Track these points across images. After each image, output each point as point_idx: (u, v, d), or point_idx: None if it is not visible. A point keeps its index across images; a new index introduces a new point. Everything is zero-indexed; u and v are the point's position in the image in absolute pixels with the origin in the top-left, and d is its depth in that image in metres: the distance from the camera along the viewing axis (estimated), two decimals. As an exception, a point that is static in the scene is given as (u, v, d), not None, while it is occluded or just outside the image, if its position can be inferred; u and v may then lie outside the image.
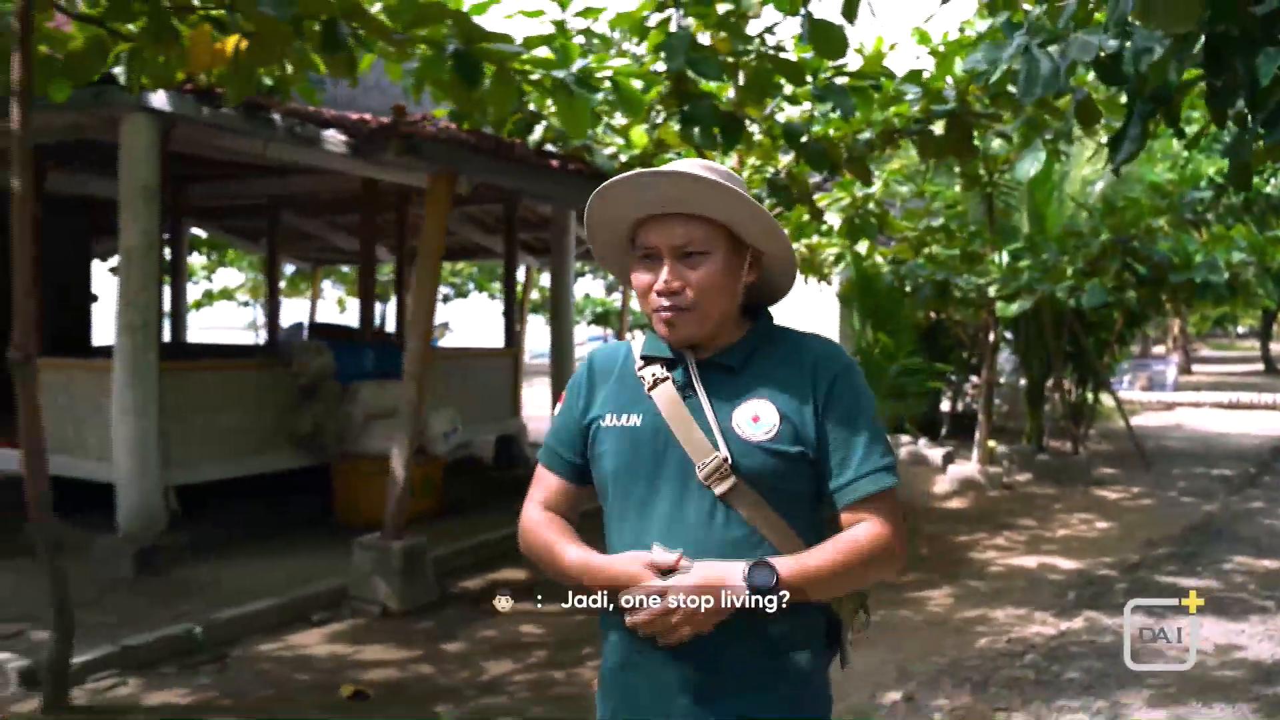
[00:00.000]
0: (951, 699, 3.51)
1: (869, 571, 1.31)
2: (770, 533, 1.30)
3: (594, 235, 1.42)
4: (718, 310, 1.34)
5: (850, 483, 1.31)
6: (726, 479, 1.29)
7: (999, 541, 6.09)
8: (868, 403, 1.36)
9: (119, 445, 5.21)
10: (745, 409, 1.32)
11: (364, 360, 6.50)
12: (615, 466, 1.37)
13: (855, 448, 1.31)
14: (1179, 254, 7.11)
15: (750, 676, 1.30)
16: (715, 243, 1.33)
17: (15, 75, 3.32)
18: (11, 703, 3.55)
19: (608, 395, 1.42)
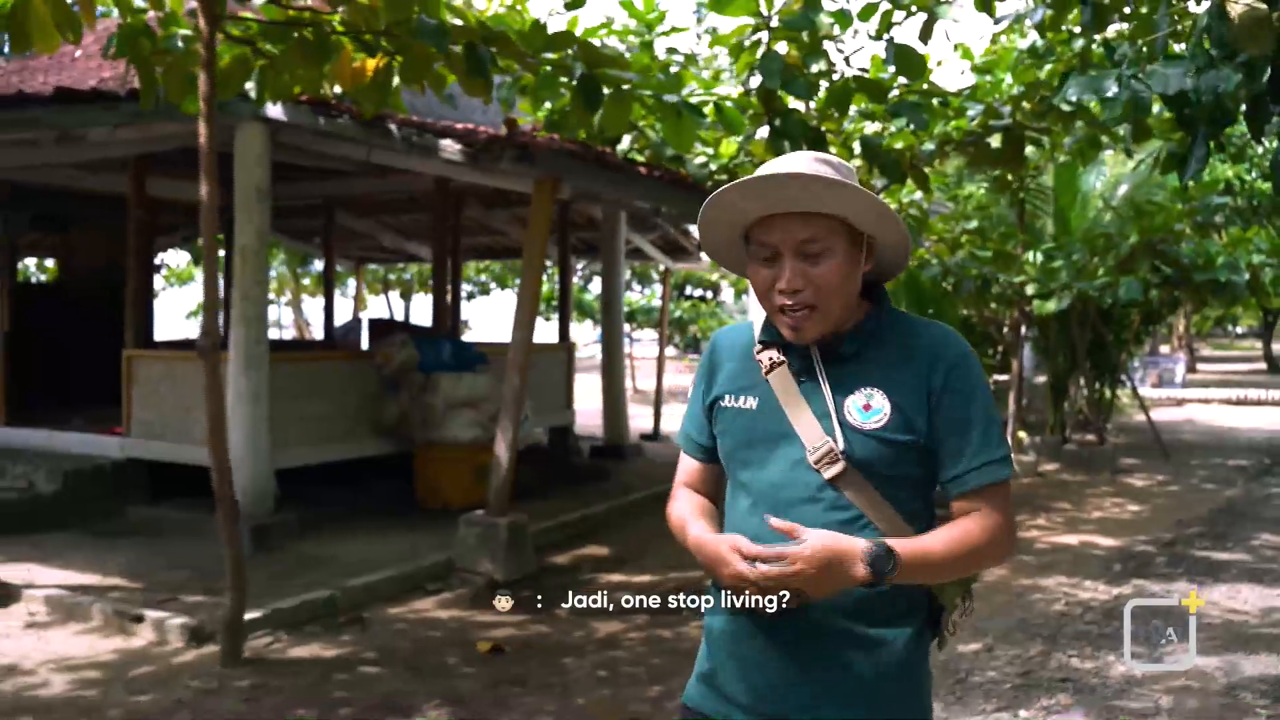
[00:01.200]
0: (1025, 649, 3.95)
1: (980, 561, 1.34)
2: (876, 518, 1.31)
3: (706, 235, 1.43)
4: (840, 305, 1.35)
5: (964, 473, 1.32)
6: (836, 464, 1.31)
7: (1040, 522, 6.54)
8: (983, 392, 1.36)
9: (234, 430, 5.59)
10: (858, 396, 1.33)
11: (442, 353, 6.91)
12: (731, 447, 1.41)
13: (970, 438, 1.32)
14: (1201, 255, 7.55)
15: (850, 655, 1.32)
16: (834, 238, 1.33)
17: (203, 91, 3.73)
18: (182, 655, 3.97)
19: (728, 376, 1.45)
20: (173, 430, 6.42)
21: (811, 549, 1.23)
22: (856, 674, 1.31)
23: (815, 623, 1.30)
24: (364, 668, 3.86)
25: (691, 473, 1.51)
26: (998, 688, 3.55)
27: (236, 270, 5.62)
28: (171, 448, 6.40)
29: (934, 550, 1.28)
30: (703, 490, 1.50)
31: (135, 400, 6.63)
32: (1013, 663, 3.80)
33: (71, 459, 6.59)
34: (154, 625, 4.20)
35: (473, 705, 3.46)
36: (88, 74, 6.90)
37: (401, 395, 6.72)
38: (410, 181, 7.74)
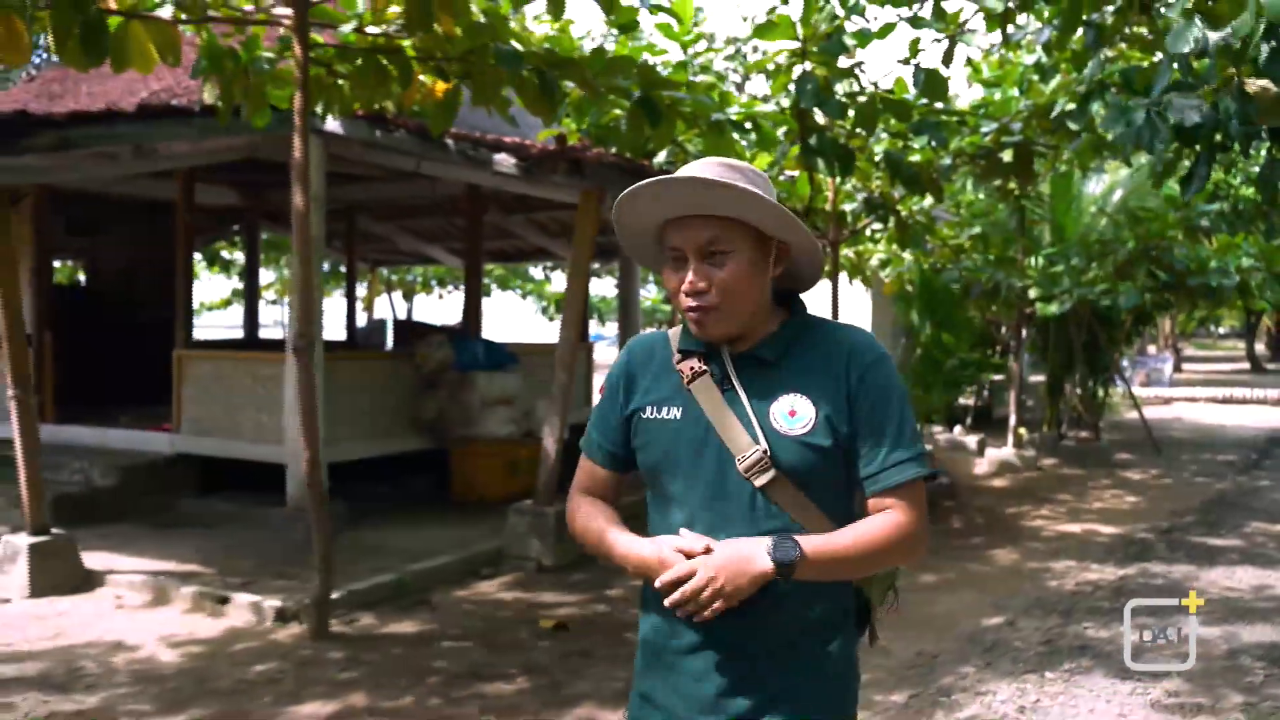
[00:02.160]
0: (1044, 622, 4.34)
1: (889, 557, 1.35)
2: (808, 523, 1.33)
3: (623, 236, 1.45)
4: (745, 307, 1.36)
5: (878, 472, 1.34)
6: (766, 472, 1.32)
7: (1044, 512, 6.95)
8: (899, 393, 1.38)
9: (291, 426, 5.92)
10: (782, 402, 1.35)
11: (477, 353, 7.24)
12: (656, 459, 1.41)
13: (884, 438, 1.34)
14: (1194, 260, 8.00)
15: (781, 656, 1.34)
16: (738, 240, 1.34)
17: (298, 109, 4.06)
18: (273, 633, 4.30)
19: (648, 387, 1.44)
20: (222, 427, 6.72)
21: (715, 557, 1.28)
22: (795, 682, 1.33)
23: (751, 633, 1.33)
24: (443, 642, 4.20)
25: (597, 480, 1.50)
26: (1023, 654, 3.93)
27: (294, 274, 5.92)
28: (222, 443, 6.70)
29: (839, 544, 1.30)
30: (607, 498, 1.50)
31: (185, 398, 6.92)
32: (1034, 634, 4.19)
33: (124, 455, 6.88)
34: (240, 606, 4.53)
35: (550, 674, 3.81)
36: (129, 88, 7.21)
37: (439, 393, 7.05)
38: (430, 187, 8.05)
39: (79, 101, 7.86)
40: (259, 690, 3.62)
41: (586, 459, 1.52)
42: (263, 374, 6.60)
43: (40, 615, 4.53)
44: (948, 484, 7.20)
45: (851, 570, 1.34)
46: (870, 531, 1.32)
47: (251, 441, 6.55)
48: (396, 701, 3.52)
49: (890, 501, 1.34)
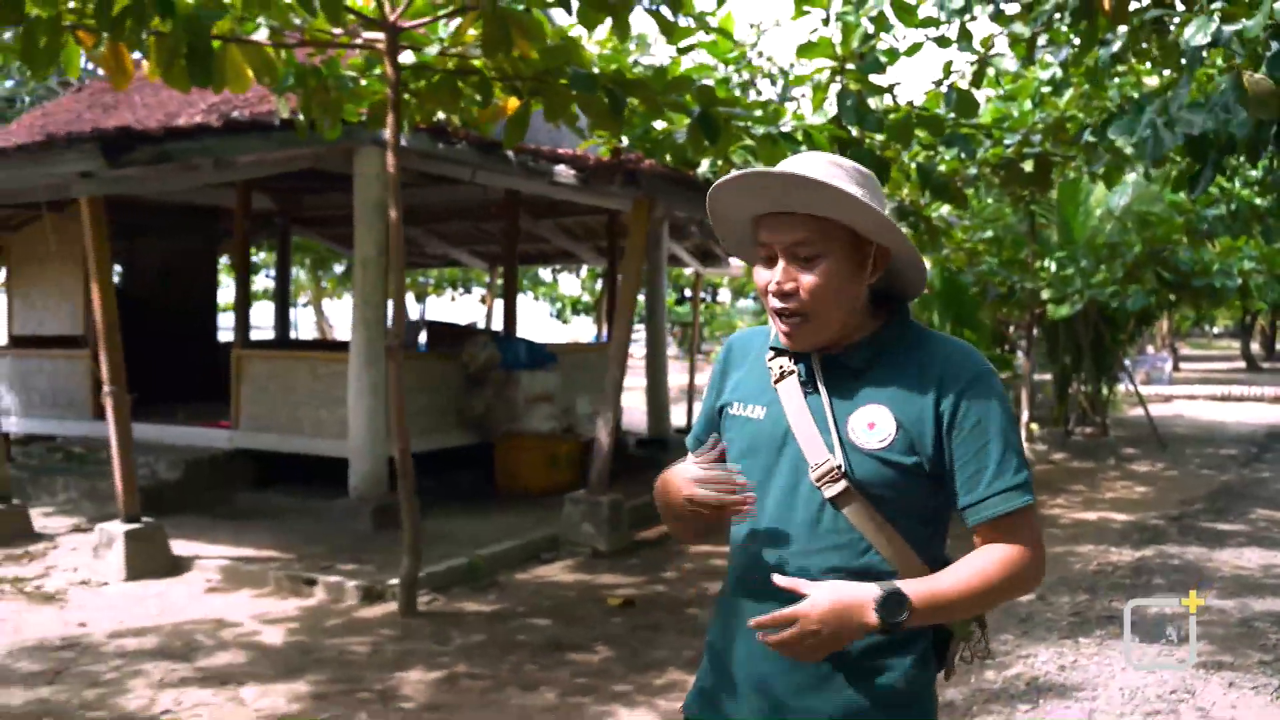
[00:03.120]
0: (1072, 597, 4.72)
1: (1001, 595, 1.28)
2: (878, 540, 1.27)
3: (719, 230, 1.41)
4: (836, 314, 1.30)
5: (979, 501, 1.26)
6: (837, 483, 1.27)
7: (1060, 502, 7.33)
8: (1001, 415, 1.29)
9: (354, 421, 6.26)
10: (862, 414, 1.29)
11: (520, 353, 7.60)
12: (735, 456, 1.37)
13: (985, 464, 1.26)
14: (1198, 263, 8.40)
15: (850, 681, 1.28)
16: (831, 243, 1.28)
17: (390, 126, 4.41)
18: (360, 611, 4.64)
19: (739, 382, 1.42)
20: (281, 423, 7.06)
21: (819, 607, 1.20)
22: (856, 701, 1.28)
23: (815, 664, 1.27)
24: (520, 619, 4.55)
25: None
26: (1056, 624, 4.31)
27: (357, 279, 6.28)
28: (281, 439, 7.04)
29: (947, 590, 1.23)
30: None
31: (243, 396, 7.26)
32: (1065, 607, 4.56)
33: (186, 450, 7.22)
34: (327, 588, 4.88)
35: (627, 644, 4.17)
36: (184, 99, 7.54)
37: (486, 391, 7.40)
38: (460, 191, 8.39)
39: (134, 112, 8.20)
40: (363, 660, 3.97)
41: (690, 451, 1.46)
42: (322, 372, 6.94)
43: (140, 596, 4.88)
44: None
45: (960, 613, 1.28)
46: (978, 572, 1.24)
47: (311, 437, 6.89)
48: (493, 669, 3.87)
49: (996, 535, 1.26)
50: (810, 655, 1.22)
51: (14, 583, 5.12)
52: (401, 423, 4.46)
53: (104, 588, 5.04)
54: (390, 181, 4.42)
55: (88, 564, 5.36)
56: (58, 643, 4.17)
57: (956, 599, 1.24)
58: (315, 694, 3.59)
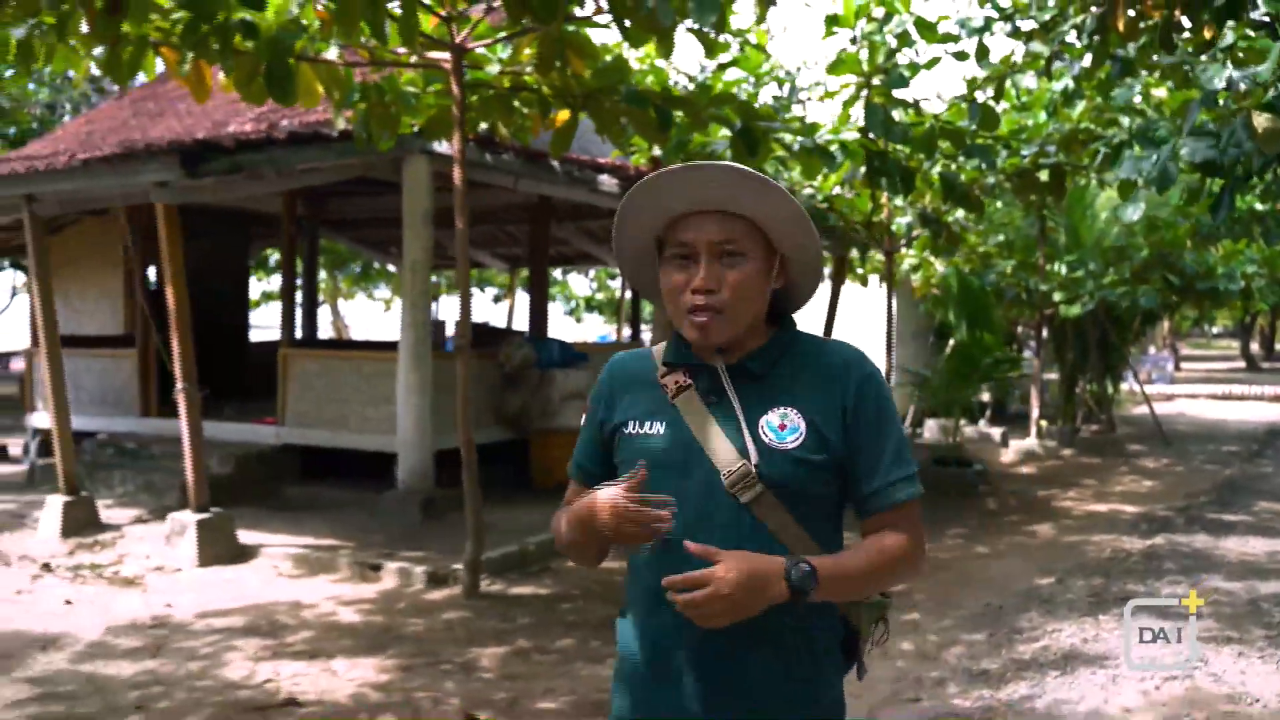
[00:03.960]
0: (1089, 581, 5.04)
1: (895, 576, 1.35)
2: (790, 542, 1.29)
3: (624, 230, 1.39)
4: (749, 314, 1.32)
5: (878, 490, 1.32)
6: (753, 487, 1.28)
7: (1071, 494, 7.66)
8: (893, 411, 1.36)
9: (403, 418, 6.57)
10: (772, 416, 1.31)
11: (553, 352, 7.93)
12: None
13: (883, 456, 1.32)
14: (1203, 266, 8.73)
15: (766, 681, 1.31)
16: (752, 244, 1.31)
17: (456, 141, 4.73)
18: (426, 593, 4.96)
19: (629, 403, 1.40)
20: (327, 420, 7.38)
21: (731, 572, 1.21)
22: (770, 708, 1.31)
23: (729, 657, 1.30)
24: (576, 600, 4.87)
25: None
26: (1076, 604, 4.63)
27: (405, 282, 6.60)
28: (327, 435, 7.35)
29: (851, 566, 1.28)
30: None
31: (290, 394, 7.57)
32: (1082, 589, 4.89)
33: (236, 445, 7.52)
34: (391, 572, 5.20)
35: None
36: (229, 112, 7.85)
37: (522, 389, 7.72)
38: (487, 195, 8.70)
39: (181, 120, 8.51)
40: (438, 636, 4.29)
41: (572, 481, 1.49)
42: (368, 371, 7.26)
43: (215, 581, 5.20)
44: (983, 470, 7.91)
45: (859, 590, 1.33)
46: (878, 552, 1.31)
47: (357, 432, 7.20)
48: (559, 643, 4.19)
49: (891, 520, 1.32)
50: (716, 620, 1.22)
51: (92, 568, 5.44)
52: (466, 417, 4.78)
53: (178, 573, 5.36)
54: (457, 193, 4.74)
55: (160, 551, 5.68)
56: (149, 622, 4.49)
57: (858, 575, 1.30)
58: (401, 666, 3.91)
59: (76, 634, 4.29)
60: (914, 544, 1.33)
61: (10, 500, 7.15)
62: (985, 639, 4.18)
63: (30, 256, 5.98)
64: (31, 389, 8.99)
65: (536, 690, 3.66)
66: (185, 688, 3.67)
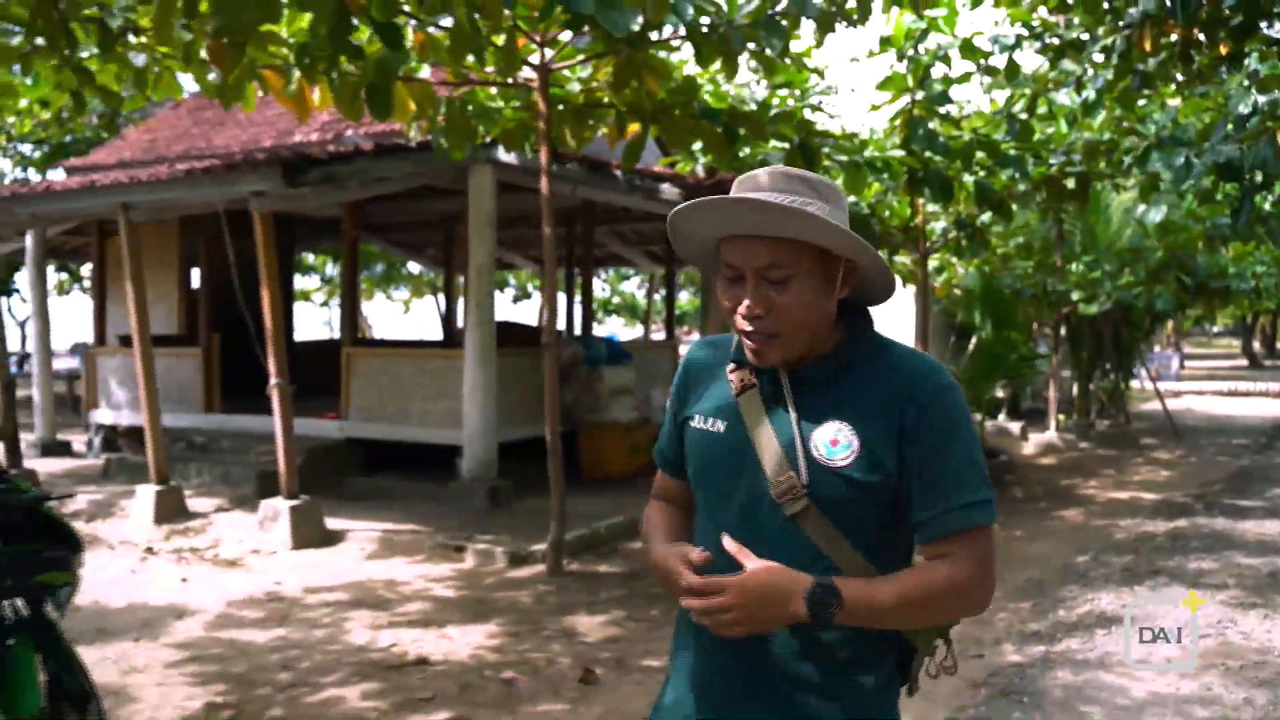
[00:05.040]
0: (1120, 557, 5.47)
1: (941, 612, 1.26)
2: (839, 558, 1.25)
3: (681, 246, 1.38)
4: (804, 333, 1.28)
5: (933, 518, 1.24)
6: (799, 500, 1.25)
7: (1093, 483, 8.10)
8: (963, 431, 1.26)
9: (469, 412, 6.99)
10: (825, 430, 1.26)
11: (602, 350, 8.35)
12: (695, 470, 1.37)
13: (943, 480, 1.24)
14: (1214, 266, 9.18)
15: (807, 694, 1.27)
16: (801, 262, 1.24)
17: (544, 153, 5.15)
18: (510, 572, 5.38)
19: (701, 395, 1.39)
20: (389, 414, 7.79)
21: (745, 580, 1.20)
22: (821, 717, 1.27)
23: (780, 663, 1.27)
24: (652, 577, 5.28)
25: (666, 487, 1.48)
26: (1110, 577, 5.06)
27: (471, 284, 7.03)
28: (390, 428, 7.76)
29: (883, 595, 1.21)
30: (677, 503, 1.46)
31: (352, 389, 7.98)
32: (1115, 565, 5.32)
33: (301, 439, 7.88)
34: (474, 553, 5.61)
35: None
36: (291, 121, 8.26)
37: (573, 385, 8.14)
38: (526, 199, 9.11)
39: (244, 129, 8.94)
40: (534, 608, 4.71)
41: (659, 467, 1.51)
42: (430, 368, 7.68)
43: (311, 562, 5.61)
44: (1008, 461, 8.34)
45: (895, 621, 1.25)
46: (918, 584, 1.23)
47: (419, 426, 7.62)
48: (645, 614, 4.61)
49: (948, 548, 1.24)
50: (731, 629, 1.21)
51: (192, 551, 5.86)
52: (553, 410, 5.20)
53: (274, 555, 5.77)
54: (544, 202, 5.15)
55: (253, 535, 6.09)
56: (264, 596, 4.91)
57: (892, 605, 1.22)
58: (507, 632, 4.33)
59: (201, 607, 4.71)
60: (969, 575, 1.22)
61: (95, 491, 7.56)
62: (1031, 607, 4.60)
63: (125, 261, 6.39)
64: (95, 387, 9.39)
65: (637, 651, 4.07)
66: (319, 651, 4.08)
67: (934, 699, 3.48)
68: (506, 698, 3.57)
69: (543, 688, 3.67)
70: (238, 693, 3.61)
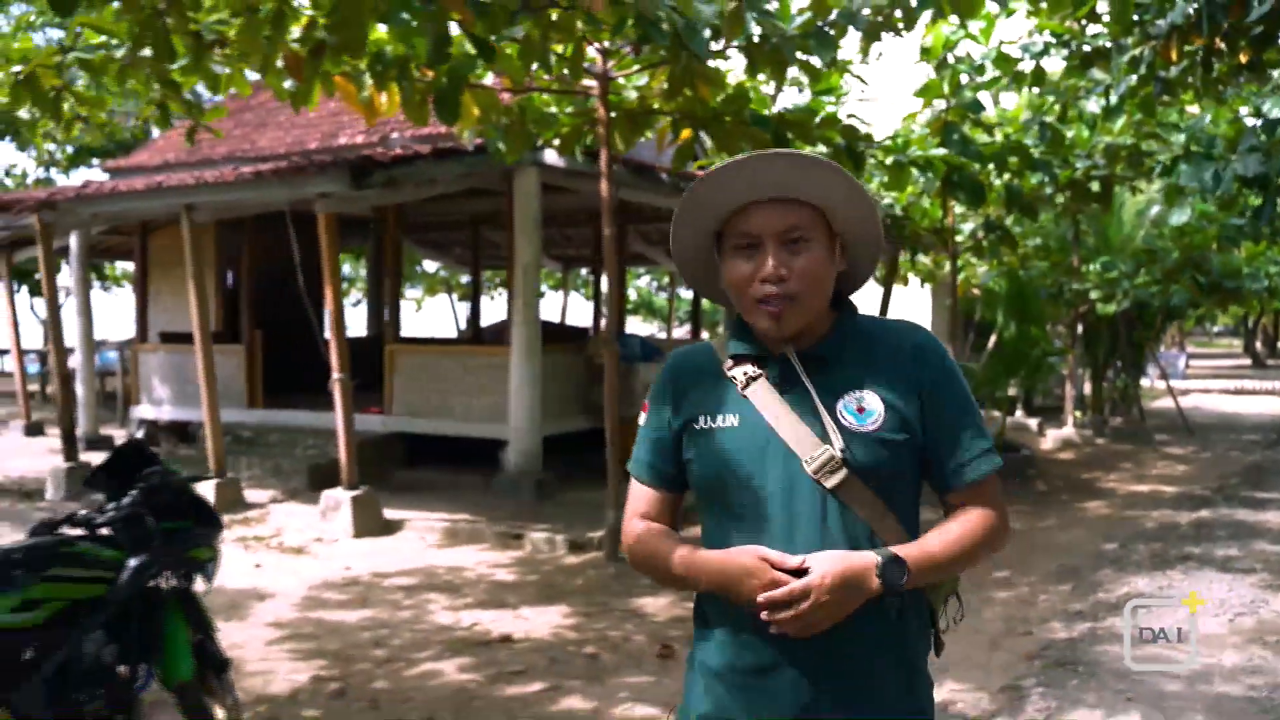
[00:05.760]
0: (1149, 546, 5.73)
1: (980, 553, 1.33)
2: (880, 524, 1.29)
3: (684, 225, 1.37)
4: (820, 300, 1.32)
5: (961, 466, 1.32)
6: (837, 472, 1.27)
7: (1113, 477, 8.36)
8: (965, 385, 1.37)
9: (515, 407, 7.24)
10: (849, 399, 1.30)
11: (636, 348, 8.59)
12: (714, 470, 1.34)
13: (964, 432, 1.32)
14: (1228, 266, 9.45)
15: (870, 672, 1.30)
16: (815, 229, 1.30)
17: (604, 158, 5.39)
18: (569, 558, 5.62)
19: (697, 398, 1.37)
20: (432, 409, 8.03)
21: (825, 577, 1.22)
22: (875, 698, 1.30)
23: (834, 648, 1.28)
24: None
25: (651, 503, 1.42)
26: (1142, 563, 5.32)
27: (517, 283, 7.27)
28: (433, 423, 8.00)
29: (938, 551, 1.28)
30: (665, 521, 1.42)
31: (396, 385, 8.22)
32: (1145, 551, 5.58)
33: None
34: (533, 541, 5.86)
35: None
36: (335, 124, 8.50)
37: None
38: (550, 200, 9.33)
39: (288, 131, 9.18)
40: (598, 591, 4.96)
41: (637, 482, 1.44)
42: (472, 364, 7.92)
43: (375, 550, 5.86)
44: (1030, 455, 8.61)
45: (948, 572, 1.33)
46: (962, 534, 1.30)
47: (462, 421, 7.86)
48: (705, 594, 4.86)
49: (973, 495, 1.33)
50: (817, 627, 1.23)
51: (257, 539, 6.10)
52: (613, 402, 5.45)
53: (337, 543, 6.01)
54: (603, 204, 5.40)
55: (314, 525, 6.33)
56: (340, 581, 5.15)
57: (945, 559, 1.29)
58: (579, 612, 4.58)
59: (280, 590, 4.95)
60: (998, 517, 1.33)
61: (147, 483, 7.78)
62: (1070, 590, 4.87)
63: (187, 261, 6.62)
64: (137, 383, 9.62)
65: (705, 629, 4.32)
66: (407, 630, 4.33)
67: (990, 669, 3.75)
68: (594, 670, 3.82)
69: (625, 661, 3.92)
70: (339, 667, 3.86)
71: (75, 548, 2.64)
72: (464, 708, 3.44)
